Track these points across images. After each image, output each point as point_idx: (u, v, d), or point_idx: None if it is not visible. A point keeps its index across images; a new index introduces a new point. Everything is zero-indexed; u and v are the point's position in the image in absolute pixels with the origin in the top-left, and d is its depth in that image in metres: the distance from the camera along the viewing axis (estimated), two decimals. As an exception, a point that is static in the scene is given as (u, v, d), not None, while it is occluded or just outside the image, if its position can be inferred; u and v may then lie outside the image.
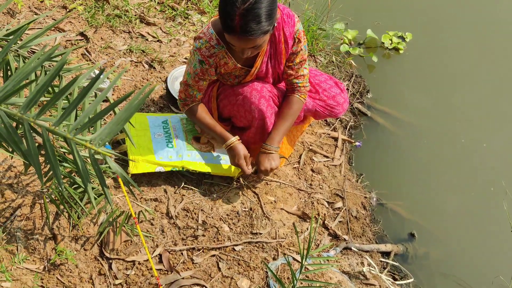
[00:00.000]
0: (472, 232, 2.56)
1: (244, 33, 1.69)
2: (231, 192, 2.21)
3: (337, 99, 2.24)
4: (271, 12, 1.71)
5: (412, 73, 3.23)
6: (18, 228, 1.79)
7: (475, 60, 3.34)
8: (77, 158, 0.84)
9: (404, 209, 2.60)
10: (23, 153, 0.89)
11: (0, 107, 0.84)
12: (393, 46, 3.32)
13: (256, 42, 1.76)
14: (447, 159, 2.82)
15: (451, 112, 3.03)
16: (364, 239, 2.39)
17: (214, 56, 1.94)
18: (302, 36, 1.99)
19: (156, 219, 2.01)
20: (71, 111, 0.84)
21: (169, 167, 2.08)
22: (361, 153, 2.76)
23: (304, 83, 2.09)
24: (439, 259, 2.48)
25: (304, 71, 2.07)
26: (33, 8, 2.76)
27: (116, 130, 0.82)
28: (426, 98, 3.08)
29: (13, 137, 0.87)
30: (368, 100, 3.02)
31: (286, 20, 1.93)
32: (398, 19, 3.51)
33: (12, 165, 1.93)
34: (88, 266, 1.81)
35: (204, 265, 1.93)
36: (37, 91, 0.82)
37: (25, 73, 0.83)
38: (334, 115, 2.29)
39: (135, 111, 0.82)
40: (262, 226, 2.13)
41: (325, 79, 2.29)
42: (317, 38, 3.00)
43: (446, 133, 2.93)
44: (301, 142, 2.57)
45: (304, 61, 2.05)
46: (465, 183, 2.72)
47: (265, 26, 1.71)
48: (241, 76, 2.08)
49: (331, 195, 2.42)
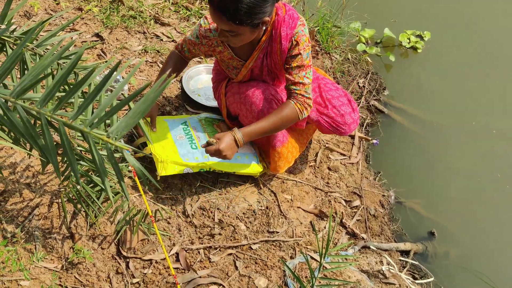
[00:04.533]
0: (494, 230, 2.51)
1: (218, 8, 1.68)
2: (247, 191, 2.20)
3: (345, 118, 2.15)
4: (253, 7, 1.66)
5: (430, 73, 3.18)
6: (36, 227, 1.80)
7: (495, 60, 3.28)
8: (94, 152, 0.83)
9: (423, 207, 2.56)
10: (41, 149, 0.89)
11: (17, 102, 0.84)
12: (411, 45, 3.27)
13: (229, 26, 1.72)
14: (467, 156, 2.77)
15: (470, 110, 2.97)
16: (383, 237, 2.35)
17: (208, 39, 1.99)
18: (302, 40, 1.88)
19: (173, 217, 2.00)
20: (88, 104, 0.83)
21: (196, 168, 2.05)
22: (378, 150, 2.72)
23: (302, 91, 1.91)
24: (460, 258, 2.43)
25: (304, 79, 1.91)
26: (49, 10, 2.78)
27: (132, 123, 0.82)
28: (444, 96, 3.03)
29: (30, 132, 0.87)
30: (384, 97, 2.98)
31: (287, 20, 1.88)
32: (416, 17, 3.46)
33: (29, 165, 1.94)
34: (106, 265, 1.81)
35: (221, 264, 1.92)
36: (54, 85, 0.81)
37: (42, 67, 0.83)
38: (339, 133, 2.19)
39: (151, 104, 0.81)
40: (279, 225, 2.12)
41: (339, 95, 2.19)
42: (332, 36, 2.97)
43: (465, 131, 2.87)
44: (317, 140, 2.55)
45: (304, 68, 1.91)
46: (487, 181, 2.67)
47: (241, 16, 1.67)
48: (238, 68, 2.07)
49: (349, 194, 2.39)
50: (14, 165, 1.92)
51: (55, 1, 2.83)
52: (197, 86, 2.58)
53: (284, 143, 2.16)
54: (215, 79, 2.32)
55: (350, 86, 2.91)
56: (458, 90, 3.08)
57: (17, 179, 1.89)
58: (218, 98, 2.29)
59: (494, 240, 2.48)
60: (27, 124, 0.86)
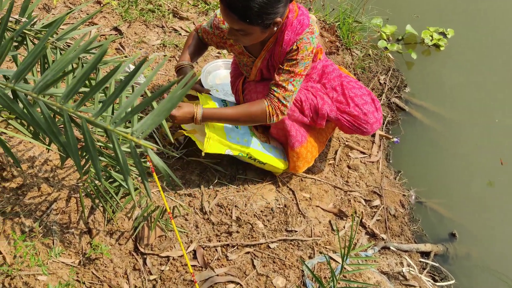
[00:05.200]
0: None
1: (229, 7, 1.63)
2: (265, 188, 2.17)
3: (368, 117, 2.07)
4: (265, 7, 1.60)
5: (453, 70, 3.10)
6: (54, 222, 1.79)
7: None
8: (118, 150, 0.80)
9: (444, 207, 2.50)
10: (62, 145, 0.86)
11: (39, 97, 0.81)
12: (433, 43, 3.19)
13: (239, 25, 1.66)
14: (489, 155, 2.70)
15: (493, 108, 2.89)
16: (403, 238, 2.31)
17: (220, 30, 1.97)
18: (303, 47, 1.78)
19: (190, 214, 1.98)
20: (113, 101, 0.80)
21: (236, 151, 2.00)
22: (399, 149, 2.67)
23: (281, 96, 1.83)
24: (482, 259, 2.38)
25: (288, 85, 1.82)
26: (68, 4, 2.77)
27: (158, 121, 0.79)
28: (466, 94, 2.96)
29: (52, 129, 0.85)
30: (406, 95, 2.92)
31: (295, 25, 1.80)
32: (439, 14, 3.37)
33: (48, 159, 1.93)
34: (123, 261, 1.79)
35: (239, 262, 1.89)
36: (78, 80, 0.79)
37: (65, 62, 0.80)
38: (361, 133, 2.11)
39: (177, 101, 0.78)
40: (297, 224, 2.08)
41: (362, 93, 2.12)
42: (353, 31, 2.91)
43: (487, 129, 2.80)
44: (336, 138, 2.50)
45: (294, 75, 1.82)
46: (509, 180, 2.60)
47: (251, 15, 1.61)
48: (248, 65, 2.03)
49: (368, 193, 2.34)
50: (33, 159, 1.91)
51: (74, -6, 2.82)
52: (215, 82, 2.54)
53: (303, 143, 2.12)
54: (233, 73, 2.28)
55: (370, 83, 2.85)
56: (481, 88, 3.00)
57: (36, 173, 1.89)
58: (235, 93, 2.26)
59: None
60: (48, 120, 0.83)
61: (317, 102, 2.02)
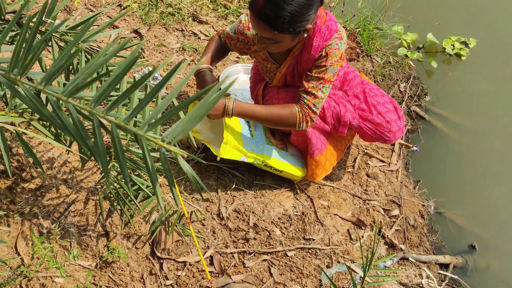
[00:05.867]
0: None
1: (259, 16, 1.60)
2: (283, 195, 2.14)
3: (391, 125, 2.04)
4: (296, 15, 1.58)
5: (474, 80, 3.04)
6: (71, 224, 1.78)
7: None
8: (147, 156, 0.79)
9: (463, 218, 2.45)
10: (90, 150, 0.85)
11: (69, 101, 0.80)
12: (455, 52, 3.14)
13: (270, 34, 1.64)
14: (510, 165, 2.65)
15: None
16: (422, 249, 2.26)
17: (244, 36, 1.93)
18: (332, 53, 1.76)
19: (207, 219, 1.96)
20: (144, 106, 0.79)
21: (252, 158, 1.99)
22: (418, 158, 2.62)
23: (311, 103, 1.81)
24: (502, 272, 2.33)
25: (318, 92, 1.80)
26: (89, 5, 2.78)
27: (189, 128, 0.77)
28: (487, 104, 2.91)
29: (80, 133, 0.83)
30: (426, 103, 2.88)
31: (323, 31, 1.77)
32: (462, 23, 3.32)
33: (67, 160, 1.93)
34: (139, 265, 1.78)
35: (256, 270, 1.87)
36: (109, 84, 0.77)
37: (96, 65, 0.79)
38: (383, 141, 2.08)
39: (209, 109, 0.77)
40: (315, 232, 2.05)
41: (385, 101, 2.09)
42: (373, 38, 2.88)
43: (508, 139, 2.75)
44: (355, 145, 2.47)
45: (323, 81, 1.80)
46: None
47: (283, 24, 1.59)
48: (272, 72, 2.01)
49: (387, 202, 2.31)
50: (52, 160, 1.91)
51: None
52: (234, 86, 2.53)
53: (323, 151, 2.09)
54: (253, 79, 2.27)
55: (391, 90, 2.82)
56: (502, 98, 2.95)
57: (55, 174, 1.88)
58: (255, 99, 2.24)
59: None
60: (77, 124, 0.82)
61: (340, 110, 2.00)
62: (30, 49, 0.77)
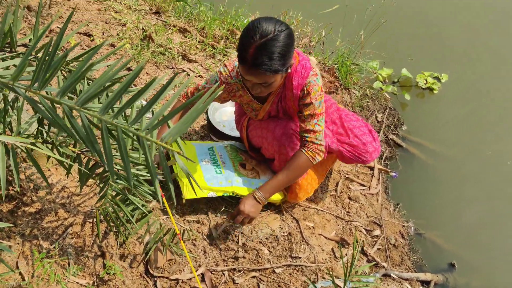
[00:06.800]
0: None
1: (254, 66, 1.75)
2: (270, 217, 2.26)
3: (367, 146, 2.21)
4: (284, 54, 1.76)
5: (446, 112, 3.24)
6: (69, 245, 1.88)
7: (508, 102, 3.33)
8: (147, 153, 0.93)
9: (442, 239, 2.58)
10: (98, 153, 0.99)
11: (81, 110, 0.95)
12: (427, 86, 3.35)
13: (265, 79, 1.80)
14: (484, 187, 2.81)
15: (484, 145, 3.04)
16: (403, 267, 2.38)
17: (228, 85, 2.06)
18: (313, 89, 1.95)
19: (198, 240, 2.07)
20: (144, 113, 0.94)
21: (220, 192, 2.13)
22: (397, 183, 2.78)
23: (313, 138, 2.00)
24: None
25: (315, 127, 1.99)
26: (84, 46, 2.97)
27: (184, 129, 0.92)
28: (460, 133, 3.10)
29: (90, 138, 0.97)
30: (402, 132, 3.06)
31: (299, 70, 1.96)
32: (434, 59, 3.56)
33: (65, 186, 2.05)
34: (134, 283, 1.87)
35: (245, 286, 1.97)
36: (115, 95, 0.92)
37: (104, 80, 0.94)
38: (361, 162, 2.25)
39: (201, 112, 0.92)
40: (301, 251, 2.17)
41: (360, 125, 2.28)
42: (351, 72, 3.10)
43: (481, 166, 2.93)
44: (337, 170, 2.62)
45: (316, 116, 1.99)
46: (506, 211, 2.70)
47: (276, 65, 1.76)
48: (256, 110, 2.17)
49: (369, 223, 2.44)
50: (51, 185, 2.03)
51: (90, 37, 3.02)
52: (222, 118, 2.70)
53: (304, 176, 2.24)
54: (237, 112, 2.43)
55: (368, 120, 3.00)
56: (474, 126, 3.15)
57: (53, 199, 1.99)
58: (240, 130, 2.40)
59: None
60: (88, 130, 0.96)
61: None
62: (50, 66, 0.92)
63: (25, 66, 0.94)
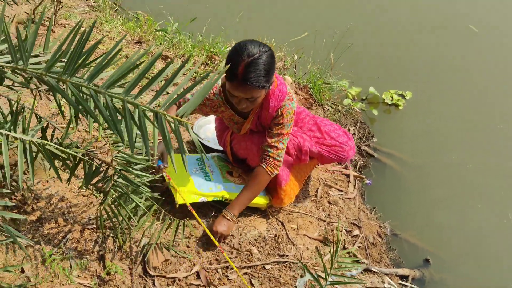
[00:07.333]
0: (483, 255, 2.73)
1: (244, 81, 1.96)
2: (257, 221, 2.41)
3: (344, 145, 2.42)
4: (268, 71, 1.98)
5: (410, 125, 3.51)
6: (70, 249, 1.98)
7: (470, 125, 3.61)
8: (164, 126, 1.09)
9: (416, 238, 2.77)
10: (119, 132, 1.15)
11: (106, 93, 1.11)
12: (393, 102, 3.63)
13: (252, 93, 2.00)
14: (449, 192, 3.05)
15: (447, 152, 3.31)
16: (382, 265, 2.55)
17: (211, 101, 2.25)
18: (287, 113, 2.16)
19: (192, 242, 2.20)
20: (161, 93, 1.11)
21: (210, 197, 2.29)
22: (372, 189, 2.98)
23: (275, 155, 2.21)
24: (455, 283, 2.62)
25: (279, 144, 2.20)
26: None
27: (196, 103, 1.09)
28: (425, 143, 3.36)
29: (113, 118, 1.13)
30: (373, 144, 3.30)
31: (277, 94, 2.18)
32: (399, 78, 3.86)
33: (64, 196, 2.16)
34: (133, 283, 1.97)
35: (238, 281, 2.09)
36: (137, 77, 1.10)
37: (127, 66, 1.11)
38: (339, 159, 2.44)
39: (208, 90, 1.10)
40: (287, 250, 2.31)
41: (335, 128, 2.48)
42: (323, 90, 3.35)
43: (446, 171, 3.18)
44: (316, 178, 2.81)
45: (282, 135, 2.20)
46: (468, 212, 2.93)
47: (262, 81, 1.98)
48: (239, 123, 2.35)
49: (348, 224, 2.61)
50: (50, 196, 2.14)
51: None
52: (207, 134, 2.87)
53: (288, 182, 2.41)
54: (218, 128, 2.61)
55: (342, 133, 3.23)
56: (437, 137, 3.42)
57: (53, 208, 2.10)
58: (223, 145, 2.57)
59: (483, 263, 2.69)
60: (112, 110, 1.13)
61: (299, 141, 2.36)
62: (80, 55, 1.09)
63: (59, 57, 1.10)
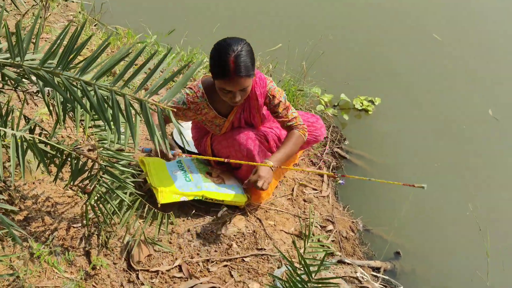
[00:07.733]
0: (448, 245, 2.90)
1: (238, 73, 2.13)
2: (236, 218, 2.53)
3: (315, 124, 2.75)
4: (252, 61, 2.20)
5: (379, 129, 3.68)
6: (57, 246, 2.07)
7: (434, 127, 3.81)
8: (148, 112, 1.22)
9: (387, 233, 2.93)
10: (106, 120, 1.27)
11: (96, 84, 1.24)
12: (363, 108, 3.82)
13: (245, 84, 2.18)
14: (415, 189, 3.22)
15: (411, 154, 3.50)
16: (355, 257, 2.69)
17: (195, 104, 2.39)
18: (276, 92, 2.42)
19: (174, 238, 2.30)
20: (145, 82, 1.24)
21: (191, 196, 2.41)
22: (344, 189, 3.14)
23: (298, 122, 2.48)
24: (424, 274, 2.78)
25: (293, 114, 2.48)
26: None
27: (176, 92, 1.22)
28: (393, 146, 3.54)
29: (101, 107, 1.26)
30: (345, 146, 3.47)
31: (258, 82, 2.39)
32: (368, 84, 4.06)
33: (49, 197, 2.25)
34: (118, 276, 2.07)
35: (219, 273, 2.20)
36: (123, 69, 1.23)
37: (114, 60, 1.25)
38: (315, 138, 2.73)
39: (189, 78, 1.23)
40: (265, 244, 2.44)
41: (302, 114, 2.80)
42: (297, 96, 3.52)
43: (411, 171, 3.36)
44: (292, 178, 2.96)
45: (288, 108, 2.47)
46: (433, 207, 3.11)
47: (251, 69, 2.18)
48: (220, 125, 2.50)
49: (323, 220, 2.75)
50: (36, 196, 2.22)
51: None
52: (188, 138, 2.99)
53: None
54: (196, 137, 2.73)
55: (315, 137, 3.39)
56: (403, 140, 3.61)
57: (39, 208, 2.19)
58: (203, 151, 2.69)
59: (450, 252, 2.86)
60: (100, 100, 1.25)
61: (275, 132, 2.57)
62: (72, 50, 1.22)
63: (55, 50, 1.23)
